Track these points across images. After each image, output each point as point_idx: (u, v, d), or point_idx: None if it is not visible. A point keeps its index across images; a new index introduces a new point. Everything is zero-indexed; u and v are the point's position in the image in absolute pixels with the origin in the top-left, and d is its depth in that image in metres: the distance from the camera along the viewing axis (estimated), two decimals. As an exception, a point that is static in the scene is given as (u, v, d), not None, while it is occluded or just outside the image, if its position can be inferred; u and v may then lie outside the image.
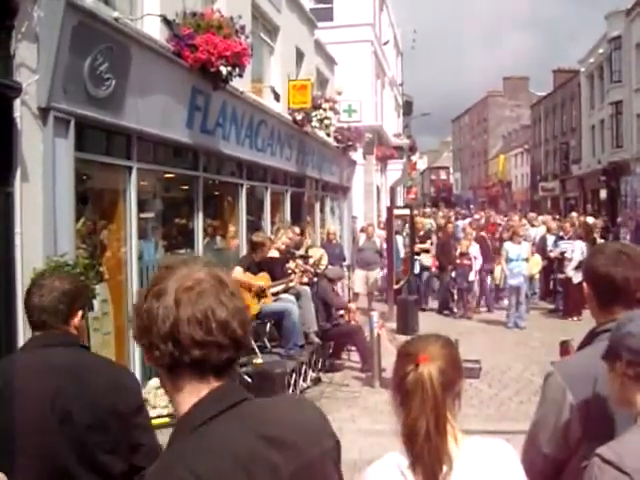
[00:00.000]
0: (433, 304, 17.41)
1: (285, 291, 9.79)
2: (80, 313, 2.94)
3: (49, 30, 6.46)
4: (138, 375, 8.55)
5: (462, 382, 2.12)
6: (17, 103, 6.18)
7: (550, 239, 16.66)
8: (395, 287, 15.28)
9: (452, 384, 2.04)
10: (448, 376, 2.02)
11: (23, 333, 6.26)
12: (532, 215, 22.97)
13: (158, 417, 7.95)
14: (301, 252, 12.08)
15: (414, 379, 2.01)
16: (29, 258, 6.33)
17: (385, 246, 16.35)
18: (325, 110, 16.82)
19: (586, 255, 14.80)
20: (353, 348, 11.13)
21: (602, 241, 15.23)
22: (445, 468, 1.95)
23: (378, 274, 16.53)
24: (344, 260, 16.44)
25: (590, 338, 2.52)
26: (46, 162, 6.65)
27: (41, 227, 6.62)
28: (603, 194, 42.55)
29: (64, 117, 6.78)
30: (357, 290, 16.09)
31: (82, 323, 3.01)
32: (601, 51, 41.53)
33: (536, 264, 15.84)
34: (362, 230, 18.22)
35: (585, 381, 2.32)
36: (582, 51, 49.72)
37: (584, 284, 2.63)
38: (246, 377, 8.46)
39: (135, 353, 8.53)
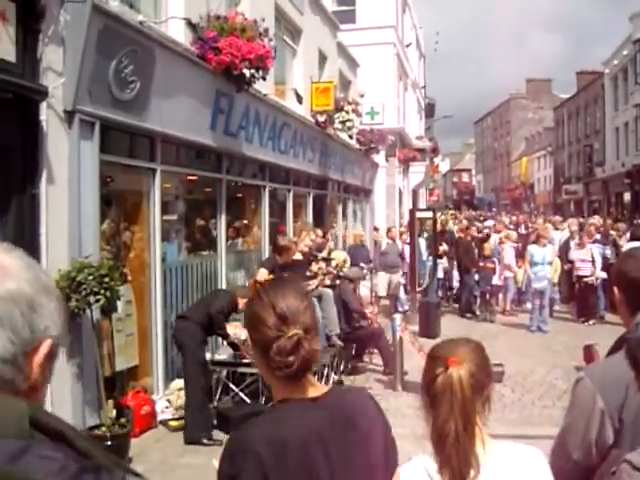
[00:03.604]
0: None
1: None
2: None
3: (75, 34, 6.52)
4: (161, 376, 8.61)
5: (491, 386, 2.11)
6: (43, 106, 6.25)
7: (573, 243, 16.48)
8: (418, 290, 15.20)
9: (481, 388, 2.03)
10: (478, 380, 2.01)
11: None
12: (557, 218, 22.84)
13: (179, 419, 7.96)
14: (323, 254, 12.06)
15: (443, 382, 2.00)
16: (54, 259, 6.39)
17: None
18: (348, 112, 16.81)
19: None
20: (375, 351, 11.10)
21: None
22: (472, 472, 1.93)
23: (400, 277, 16.46)
24: (370, 262, 16.42)
25: (620, 343, 2.48)
26: (71, 164, 6.71)
27: (66, 228, 6.68)
28: (627, 197, 42.08)
29: (89, 120, 6.85)
30: (381, 293, 16.05)
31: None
32: (625, 53, 41.08)
33: (556, 269, 15.54)
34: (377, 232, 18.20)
35: (616, 387, 2.28)
36: (606, 53, 49.30)
37: (614, 289, 2.60)
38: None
39: (159, 354, 8.58)
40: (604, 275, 14.50)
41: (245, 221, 12.53)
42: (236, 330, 8.55)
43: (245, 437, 1.86)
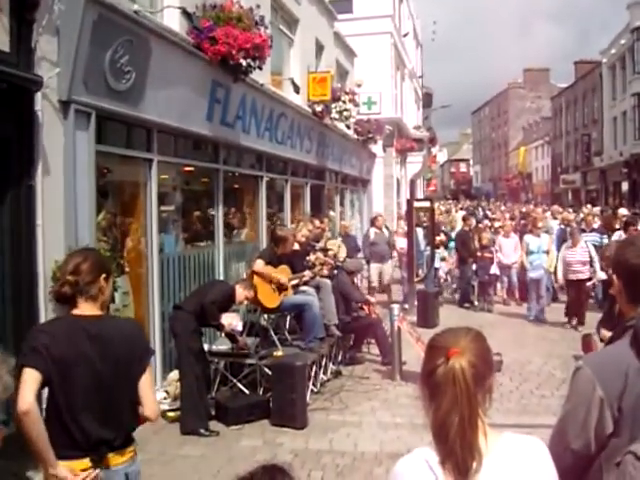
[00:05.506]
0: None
1: (305, 283, 9.76)
2: None
3: (70, 23, 6.47)
4: (159, 367, 8.61)
5: (493, 377, 2.07)
6: (38, 96, 6.20)
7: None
8: (415, 280, 15.17)
9: (483, 378, 1.98)
10: (479, 370, 1.96)
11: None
12: (555, 208, 22.87)
13: (177, 409, 7.96)
14: (321, 245, 12.05)
15: (444, 373, 1.95)
16: (50, 250, 6.36)
17: (395, 237, 16.44)
18: (345, 102, 16.78)
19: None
20: (373, 341, 11.10)
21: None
22: (475, 464, 1.90)
23: (390, 267, 16.35)
24: (359, 251, 16.34)
25: (620, 332, 2.46)
26: (67, 155, 6.68)
27: (62, 220, 6.65)
28: (625, 186, 42.08)
29: (85, 110, 6.81)
30: (374, 284, 15.99)
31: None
32: (623, 42, 41.02)
33: (552, 258, 15.12)
34: (372, 223, 18.09)
35: (615, 375, 2.26)
36: (604, 42, 49.14)
37: (613, 277, 2.57)
38: (266, 369, 8.45)
39: (156, 345, 8.57)
40: (603, 276, 13.15)
41: (242, 212, 12.51)
42: (232, 321, 8.53)
43: (36, 328, 3.56)
